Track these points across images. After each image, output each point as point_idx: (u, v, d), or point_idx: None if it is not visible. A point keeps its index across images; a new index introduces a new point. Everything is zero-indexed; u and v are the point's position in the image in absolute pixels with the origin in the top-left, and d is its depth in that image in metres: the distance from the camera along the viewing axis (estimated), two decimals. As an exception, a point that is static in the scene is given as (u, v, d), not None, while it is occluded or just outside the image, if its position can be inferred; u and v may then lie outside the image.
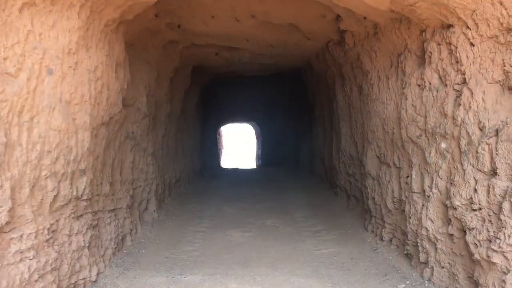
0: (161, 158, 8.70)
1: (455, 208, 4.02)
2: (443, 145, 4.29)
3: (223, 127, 24.93)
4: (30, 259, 3.49)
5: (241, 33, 7.30)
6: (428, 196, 4.57)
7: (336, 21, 6.37)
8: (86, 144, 4.48)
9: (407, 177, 5.17)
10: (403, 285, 4.73)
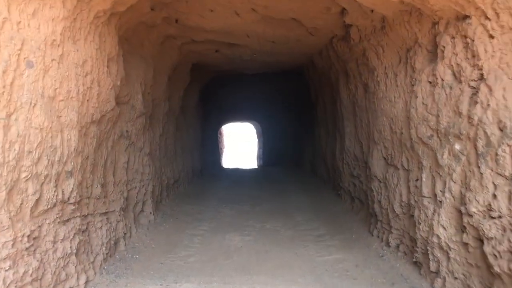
0: (159, 158, 8.40)
1: (470, 215, 3.71)
2: (457, 147, 3.97)
3: (224, 127, 24.65)
4: (6, 270, 3.19)
5: (241, 28, 6.98)
6: (440, 201, 4.25)
7: (341, 15, 6.05)
8: (73, 143, 4.17)
9: (417, 180, 4.85)
10: (413, 296, 4.43)
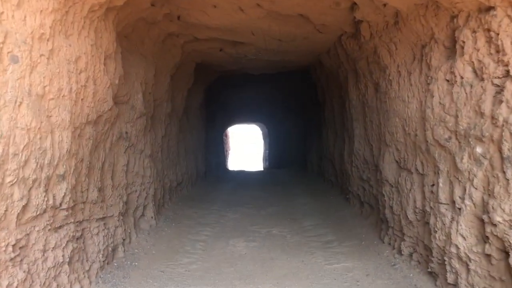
0: (161, 161, 8.13)
1: (494, 225, 3.39)
2: (479, 150, 3.65)
3: (230, 128, 24.41)
4: (-14, 284, 2.93)
5: (246, 25, 6.69)
6: (459, 209, 3.94)
7: (350, 10, 5.74)
8: (65, 145, 3.91)
9: (433, 185, 4.54)
10: (429, 311, 4.12)
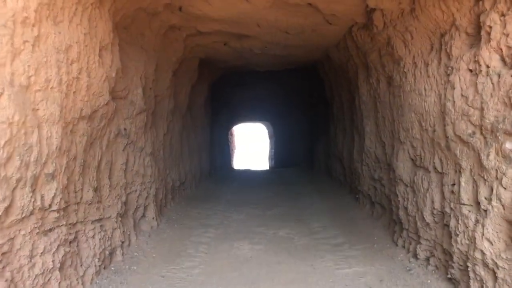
0: (163, 159, 7.82)
1: (528, 229, 3.05)
2: (509, 145, 3.30)
3: (236, 127, 24.12)
4: (-40, 296, 2.62)
5: (251, 16, 6.34)
6: (485, 211, 3.59)
7: (363, -1, 5.40)
8: (54, 141, 3.60)
9: (453, 185, 4.19)
10: (451, 322, 3.77)
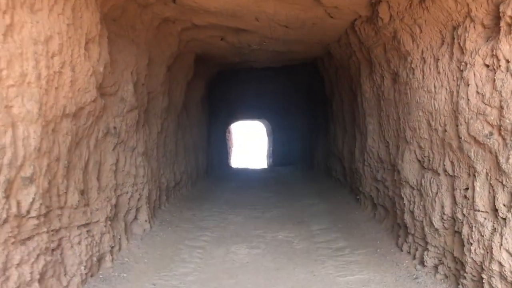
0: (156, 159, 7.50)
1: (555, 241, 2.74)
2: (532, 148, 3.00)
3: (234, 125, 23.80)
4: None
5: (249, 8, 6.01)
6: (504, 219, 3.28)
7: (367, -11, 5.09)
8: (32, 141, 3.28)
9: (466, 189, 3.89)
10: None
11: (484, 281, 3.54)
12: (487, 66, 3.54)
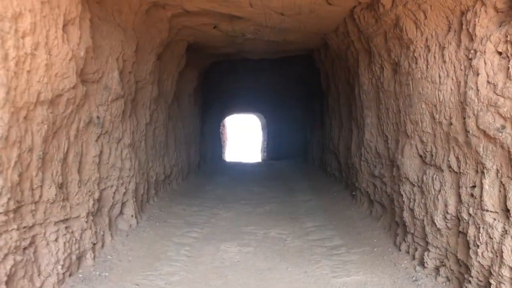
0: (145, 151, 7.17)
1: None
2: (551, 143, 2.72)
3: (228, 118, 23.47)
4: None
5: (243, -7, 5.71)
6: (516, 220, 3.01)
7: (368, -27, 4.78)
8: (-2, 130, 2.96)
9: (473, 187, 3.61)
10: None
11: (492, 287, 3.27)
12: (500, 53, 3.25)
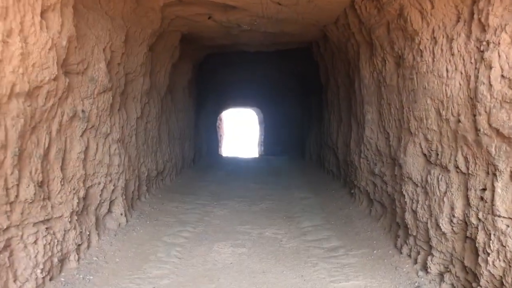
0: (136, 146, 6.89)
1: None
2: None
3: (224, 112, 23.19)
4: None
5: (238, -20, 5.41)
6: (533, 227, 2.75)
7: (372, -41, 4.49)
8: (-37, 124, 2.67)
9: (484, 189, 3.35)
10: None
11: (503, 298, 3.02)
12: (516, 45, 2.98)
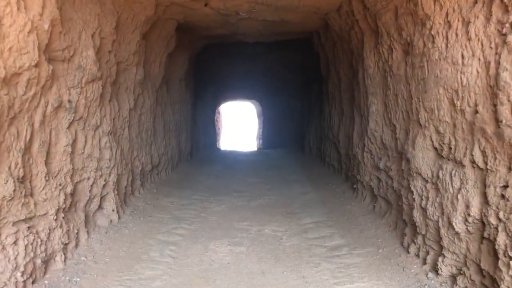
0: (128, 139, 6.58)
1: None
2: None
3: (223, 105, 22.83)
4: None
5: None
6: None
7: None
8: None
9: (505, 186, 3.05)
10: None
11: (528, 306, 2.73)
12: (544, 26, 2.67)
